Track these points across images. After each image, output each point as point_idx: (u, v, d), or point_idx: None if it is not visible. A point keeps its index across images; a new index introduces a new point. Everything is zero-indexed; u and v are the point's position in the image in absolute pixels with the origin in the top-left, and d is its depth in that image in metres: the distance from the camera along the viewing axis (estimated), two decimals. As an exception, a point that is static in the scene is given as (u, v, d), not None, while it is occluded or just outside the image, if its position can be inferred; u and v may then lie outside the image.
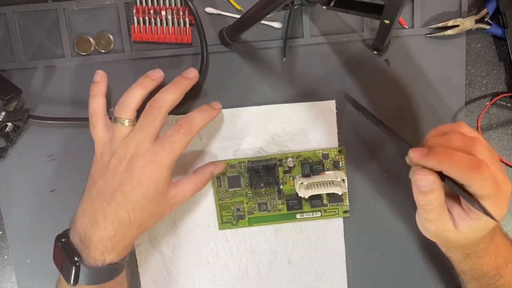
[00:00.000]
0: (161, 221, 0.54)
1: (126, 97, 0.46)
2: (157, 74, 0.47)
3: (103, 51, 0.52)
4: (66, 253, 0.45)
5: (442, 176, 0.39)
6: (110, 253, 0.44)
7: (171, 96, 0.46)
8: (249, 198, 0.54)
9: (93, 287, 0.45)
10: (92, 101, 0.47)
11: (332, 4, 0.46)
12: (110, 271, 0.45)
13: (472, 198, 0.38)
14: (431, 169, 0.39)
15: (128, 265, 0.50)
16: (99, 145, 0.47)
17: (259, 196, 0.54)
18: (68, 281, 0.44)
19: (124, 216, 0.44)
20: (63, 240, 0.46)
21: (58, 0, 0.51)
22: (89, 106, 0.47)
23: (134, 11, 0.51)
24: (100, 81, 0.48)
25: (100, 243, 0.44)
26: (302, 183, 0.52)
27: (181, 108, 0.52)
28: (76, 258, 0.44)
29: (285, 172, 0.53)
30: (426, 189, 0.39)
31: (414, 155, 0.39)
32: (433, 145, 0.40)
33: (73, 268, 0.44)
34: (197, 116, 0.46)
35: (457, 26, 0.51)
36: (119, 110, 0.46)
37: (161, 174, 0.44)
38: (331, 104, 0.53)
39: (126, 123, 0.45)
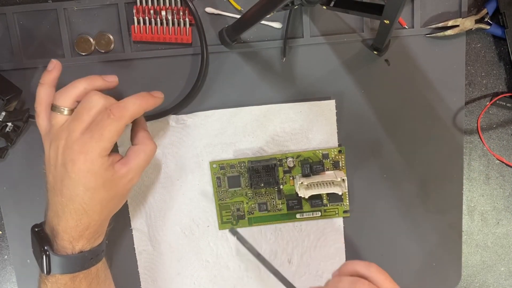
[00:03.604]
0: (161, 221, 0.54)
1: (69, 86, 0.44)
2: (112, 78, 0.46)
3: (103, 51, 0.52)
4: (38, 242, 0.45)
5: None
6: (77, 241, 0.44)
7: (136, 108, 0.44)
8: (249, 198, 0.54)
9: (66, 277, 0.44)
10: (39, 90, 0.46)
11: (332, 4, 0.46)
12: (81, 259, 0.45)
13: None
14: None
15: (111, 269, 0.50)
16: (42, 137, 0.46)
17: (259, 196, 0.54)
18: (42, 270, 0.44)
19: (78, 208, 0.44)
20: (36, 230, 0.46)
21: (58, 0, 0.51)
22: (36, 95, 0.46)
23: (134, 11, 0.51)
24: (53, 71, 0.46)
25: (65, 233, 0.44)
26: (302, 183, 0.52)
27: (182, 108, 0.53)
28: (46, 247, 0.44)
29: (285, 172, 0.53)
30: None
31: None
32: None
33: (44, 257, 0.44)
34: (131, 102, 0.44)
35: (457, 26, 0.51)
36: (58, 98, 0.44)
37: (93, 164, 0.42)
38: (331, 104, 0.53)
39: (65, 111, 0.44)
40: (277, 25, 0.52)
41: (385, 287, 0.43)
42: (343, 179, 0.51)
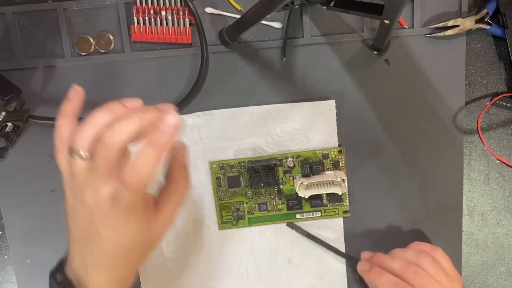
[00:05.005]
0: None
1: (86, 125, 0.36)
2: (134, 103, 0.37)
3: (103, 51, 0.52)
4: None
5: None
6: None
7: (127, 128, 0.35)
8: (249, 198, 0.54)
9: None
10: (60, 123, 0.39)
11: (332, 4, 0.46)
12: None
13: None
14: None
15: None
16: (64, 178, 0.40)
17: (259, 196, 0.54)
18: None
19: (109, 263, 0.40)
20: (60, 277, 0.41)
21: (58, 0, 0.51)
22: (56, 128, 0.39)
23: (134, 11, 0.51)
24: (74, 100, 0.39)
25: (95, 286, 0.40)
26: (302, 183, 0.52)
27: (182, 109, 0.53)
28: None
29: (285, 172, 0.53)
30: None
31: (358, 268, 0.52)
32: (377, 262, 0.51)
33: None
34: (142, 161, 0.36)
35: (457, 26, 0.51)
36: (74, 139, 0.36)
37: (126, 229, 0.38)
38: (331, 104, 0.53)
39: (84, 155, 0.36)
40: (277, 25, 0.52)
41: (446, 266, 0.47)
42: (343, 179, 0.51)
